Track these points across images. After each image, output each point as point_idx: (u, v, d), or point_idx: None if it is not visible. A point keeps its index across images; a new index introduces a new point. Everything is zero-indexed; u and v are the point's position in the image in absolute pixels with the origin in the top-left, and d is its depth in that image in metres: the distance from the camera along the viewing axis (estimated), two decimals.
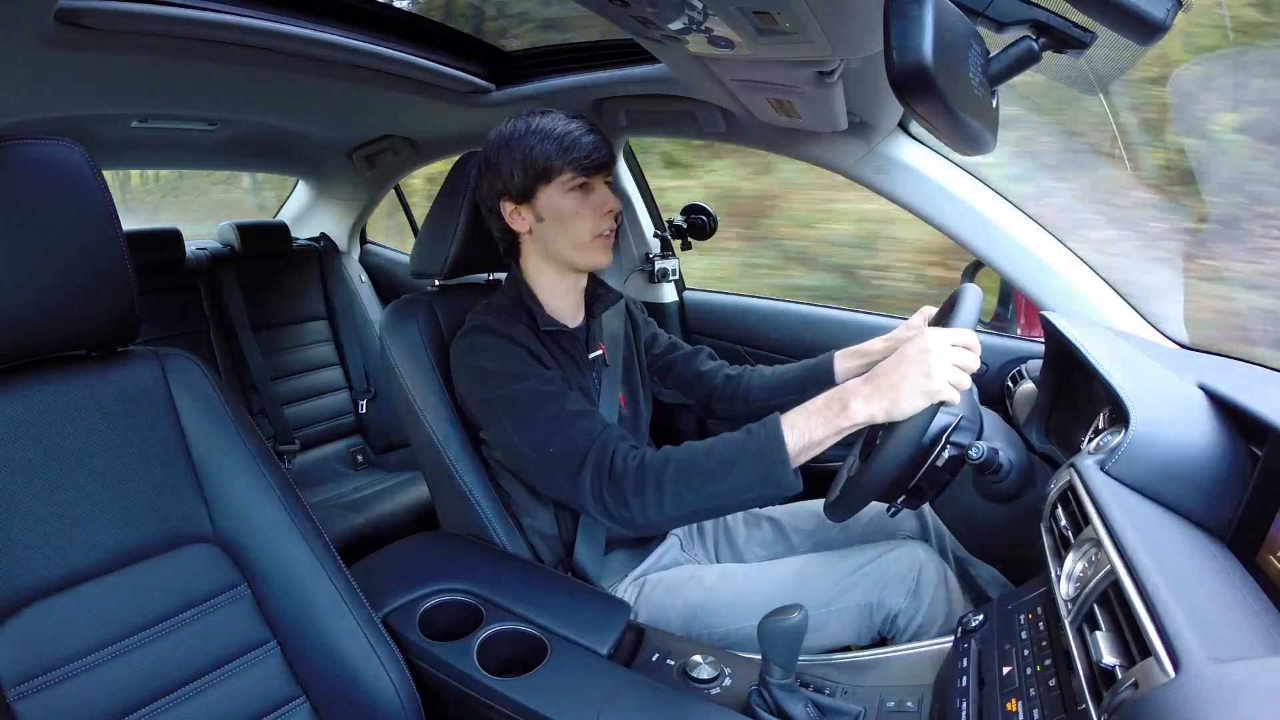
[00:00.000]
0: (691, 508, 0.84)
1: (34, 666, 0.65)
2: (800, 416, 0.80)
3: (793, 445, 0.79)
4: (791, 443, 0.79)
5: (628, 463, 0.86)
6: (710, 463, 0.82)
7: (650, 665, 0.86)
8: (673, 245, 1.75)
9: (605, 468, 0.86)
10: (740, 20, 0.76)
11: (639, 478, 0.84)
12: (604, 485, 0.86)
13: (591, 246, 1.00)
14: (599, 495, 0.87)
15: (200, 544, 0.77)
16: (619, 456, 0.86)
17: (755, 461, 0.79)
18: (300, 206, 2.43)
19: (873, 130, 1.18)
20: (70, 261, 0.69)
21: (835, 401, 0.79)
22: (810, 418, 0.80)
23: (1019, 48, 0.60)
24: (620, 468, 0.86)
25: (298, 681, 0.80)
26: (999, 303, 1.35)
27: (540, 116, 0.97)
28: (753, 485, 0.80)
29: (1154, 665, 0.45)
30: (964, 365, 0.76)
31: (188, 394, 0.79)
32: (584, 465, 0.87)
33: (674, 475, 0.83)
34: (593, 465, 0.87)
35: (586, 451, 0.88)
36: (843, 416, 0.78)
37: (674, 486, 0.83)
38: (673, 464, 0.84)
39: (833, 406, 0.79)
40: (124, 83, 1.28)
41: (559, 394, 0.92)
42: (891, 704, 0.78)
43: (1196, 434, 0.69)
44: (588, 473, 0.87)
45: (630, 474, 0.85)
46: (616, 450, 0.87)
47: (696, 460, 0.83)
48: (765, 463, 0.79)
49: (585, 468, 0.87)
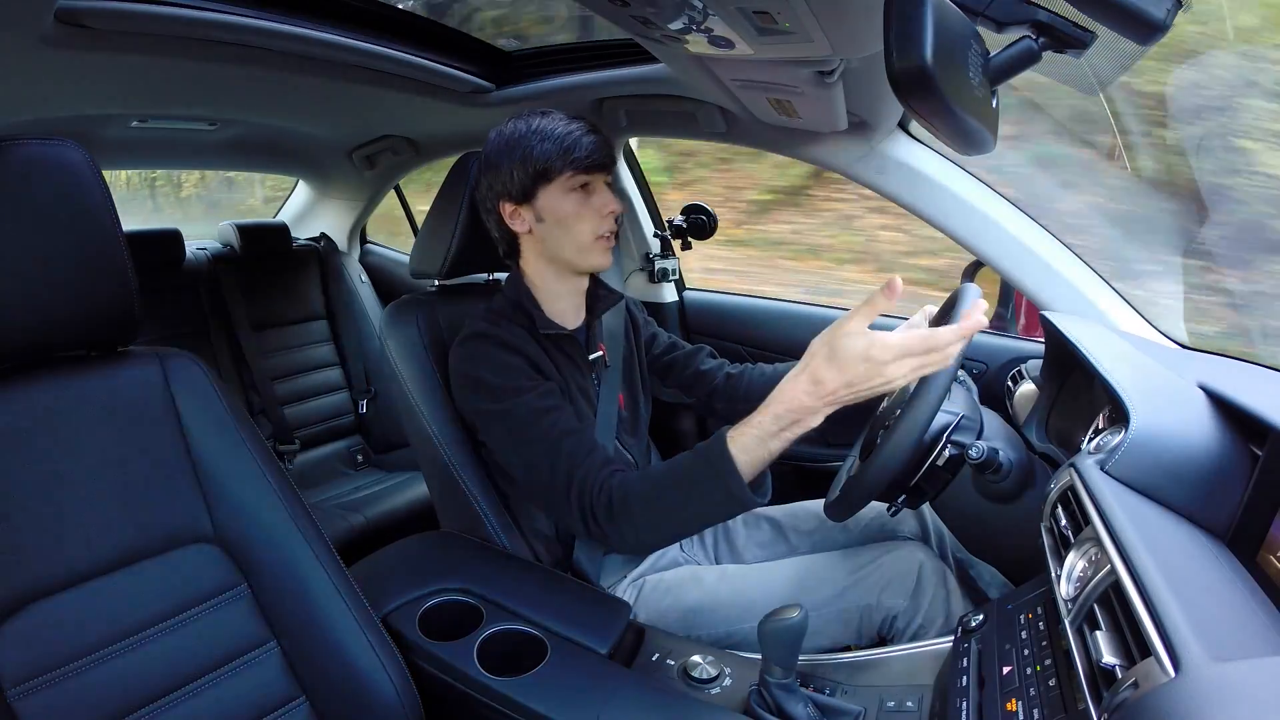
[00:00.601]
0: (666, 533, 0.86)
1: (34, 666, 0.65)
2: (750, 435, 0.79)
3: (745, 464, 0.79)
4: (743, 461, 0.78)
5: (611, 493, 0.87)
6: (668, 492, 0.84)
7: (650, 665, 0.86)
8: (672, 245, 1.76)
9: (588, 499, 0.88)
10: (740, 20, 0.76)
11: (610, 508, 0.86)
12: (588, 515, 0.88)
13: (592, 248, 0.99)
14: (585, 522, 0.89)
15: (200, 544, 0.77)
16: (599, 489, 0.88)
17: (713, 485, 0.80)
18: (300, 206, 2.43)
19: (873, 130, 1.18)
20: (70, 261, 0.69)
21: (787, 418, 0.77)
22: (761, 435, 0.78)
23: (1019, 47, 0.60)
24: (601, 500, 0.87)
25: (298, 681, 0.80)
26: (999, 303, 1.35)
27: (541, 117, 0.97)
28: (716, 507, 0.82)
29: (1154, 665, 0.45)
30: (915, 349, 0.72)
31: (188, 394, 0.79)
32: (569, 492, 0.89)
33: (640, 508, 0.84)
34: (576, 494, 0.89)
35: (570, 480, 0.89)
36: (797, 429, 0.78)
37: (643, 518, 0.84)
38: (635, 493, 0.85)
39: (784, 421, 0.77)
40: (124, 83, 1.28)
41: (554, 409, 0.93)
42: (891, 704, 0.78)
43: (1196, 434, 0.69)
44: (573, 500, 0.89)
45: (602, 507, 0.86)
46: (598, 482, 0.88)
47: (656, 491, 0.84)
48: (722, 484, 0.79)
49: (570, 495, 0.89)
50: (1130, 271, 1.27)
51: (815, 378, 0.75)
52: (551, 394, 0.95)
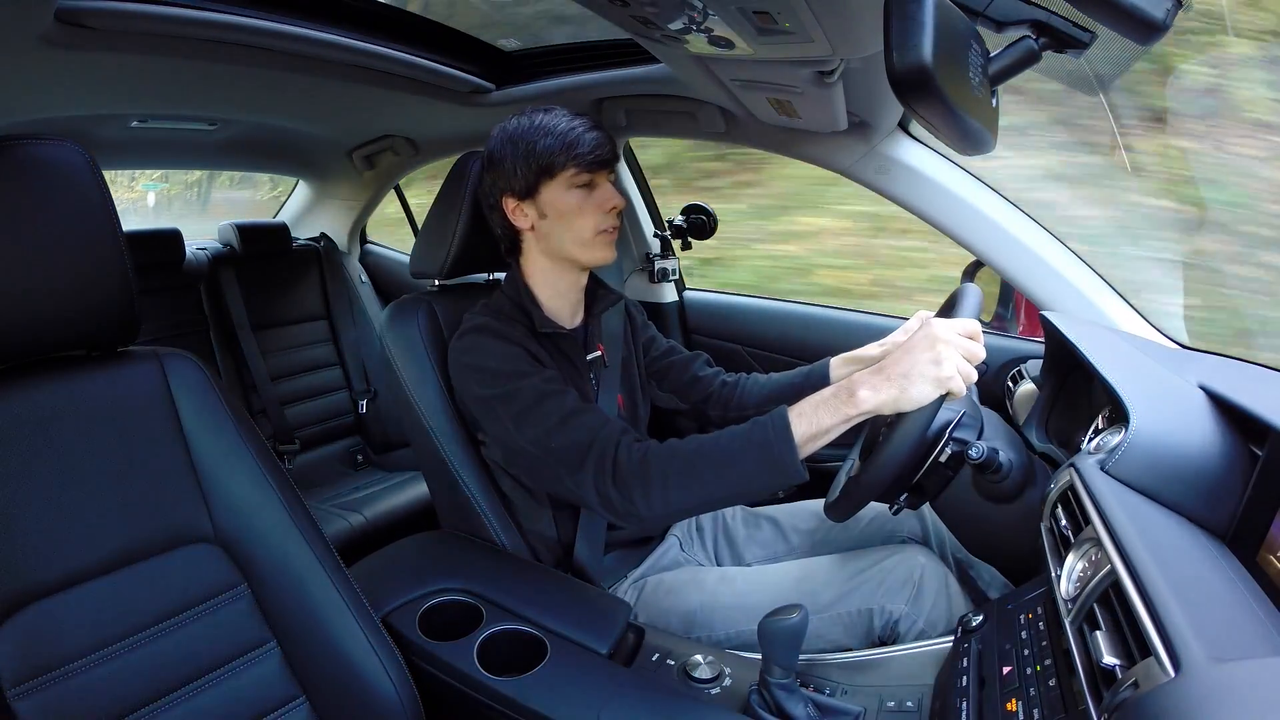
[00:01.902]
0: (697, 499, 0.83)
1: (34, 666, 0.65)
2: (808, 405, 0.80)
3: (800, 433, 0.78)
4: (799, 431, 0.78)
5: (632, 455, 0.85)
6: (716, 452, 0.82)
7: (650, 665, 0.86)
8: (672, 245, 1.76)
9: (608, 462, 0.86)
10: (740, 20, 0.76)
11: (643, 470, 0.84)
12: (607, 480, 0.85)
13: (594, 243, 1.00)
14: (602, 490, 0.86)
15: (200, 544, 0.77)
16: (623, 449, 0.86)
17: (762, 450, 0.79)
18: (300, 206, 2.43)
19: (873, 130, 1.18)
20: (70, 261, 0.69)
21: (843, 389, 0.79)
22: (818, 406, 0.79)
23: (1019, 47, 0.60)
24: (625, 460, 0.85)
25: (298, 681, 0.80)
26: (999, 303, 1.35)
27: (544, 114, 0.97)
28: (759, 474, 0.80)
29: (1154, 665, 0.45)
30: (971, 355, 0.75)
31: (188, 394, 0.79)
32: (586, 460, 0.87)
33: (680, 466, 0.82)
34: (595, 460, 0.86)
35: (589, 446, 0.87)
36: (850, 404, 0.77)
37: (679, 478, 0.82)
38: (679, 455, 0.83)
39: (840, 395, 0.78)
40: (124, 83, 1.28)
41: (560, 391, 0.92)
42: (891, 704, 0.78)
43: (1196, 434, 0.69)
44: (590, 468, 0.86)
45: (635, 466, 0.84)
46: (620, 443, 0.87)
47: (703, 450, 0.83)
48: (772, 451, 0.79)
49: (587, 462, 0.86)
50: None
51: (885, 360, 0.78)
52: (554, 380, 0.94)
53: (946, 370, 0.73)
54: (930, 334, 0.76)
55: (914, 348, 0.76)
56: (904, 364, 0.75)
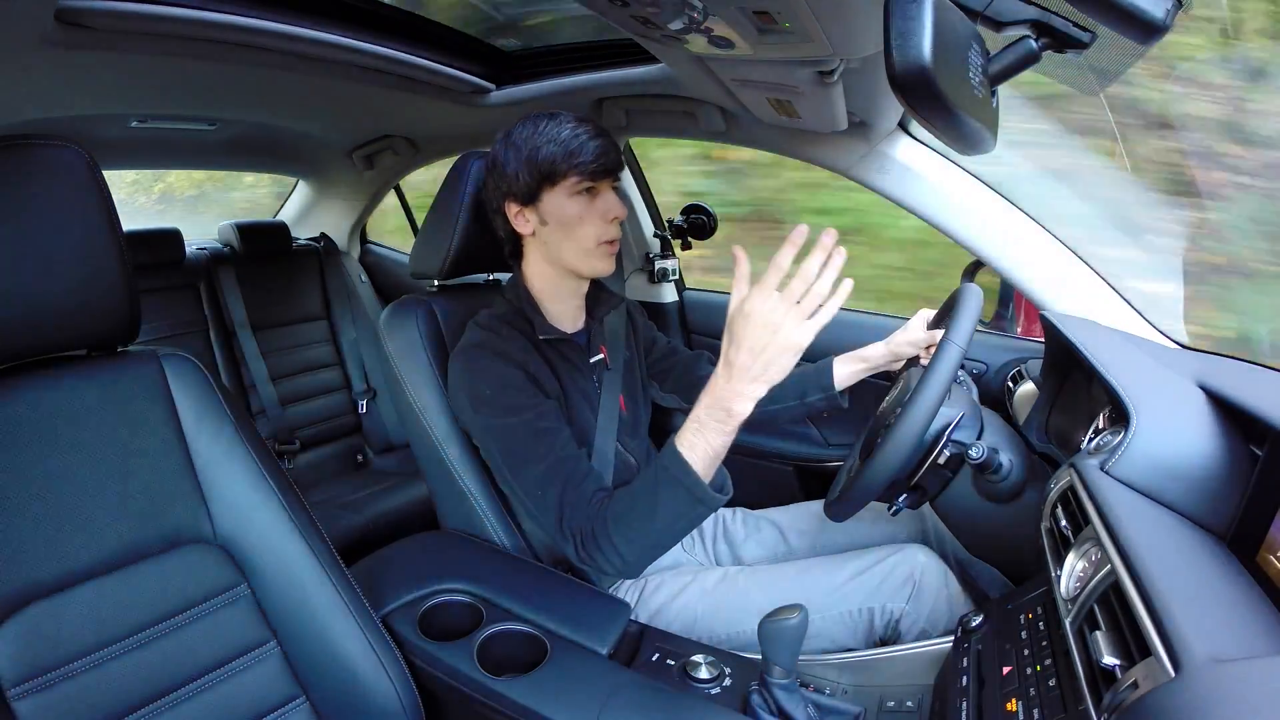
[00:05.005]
0: (646, 546, 0.86)
1: (34, 666, 0.65)
2: (690, 433, 0.81)
3: (697, 462, 0.80)
4: (694, 460, 0.80)
5: (588, 526, 0.88)
6: (639, 502, 0.84)
7: (650, 665, 0.86)
8: (672, 245, 1.75)
9: (576, 528, 0.89)
10: (740, 20, 0.76)
11: (595, 538, 0.86)
12: (576, 542, 0.89)
13: (595, 253, 0.99)
14: (576, 550, 0.89)
15: (200, 544, 0.77)
16: (583, 519, 0.88)
17: (671, 489, 0.81)
18: (300, 206, 2.43)
19: (873, 130, 1.18)
20: (70, 261, 0.69)
21: (717, 409, 0.79)
22: (700, 431, 0.81)
23: (1019, 47, 0.60)
24: (585, 525, 0.88)
25: (298, 681, 0.80)
26: (999, 303, 1.35)
27: (548, 119, 0.97)
28: (684, 509, 0.82)
29: (1154, 665, 0.45)
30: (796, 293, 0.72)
31: (187, 394, 0.79)
32: (560, 521, 0.90)
33: (614, 528, 0.85)
34: (566, 522, 0.89)
35: (562, 507, 0.90)
36: (731, 418, 0.79)
37: (620, 536, 0.85)
38: (610, 515, 0.86)
39: (716, 414, 0.79)
40: (124, 83, 1.28)
41: (551, 430, 0.93)
42: (891, 704, 0.78)
43: (1196, 434, 0.69)
44: (565, 532, 0.89)
45: (590, 536, 0.87)
46: (582, 513, 0.89)
47: (626, 507, 0.85)
48: (683, 488, 0.80)
49: (562, 524, 0.90)
50: None
51: (725, 361, 0.77)
52: (549, 415, 0.94)
53: (786, 333, 0.72)
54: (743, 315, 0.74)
55: (744, 335, 0.74)
56: (745, 356, 0.74)
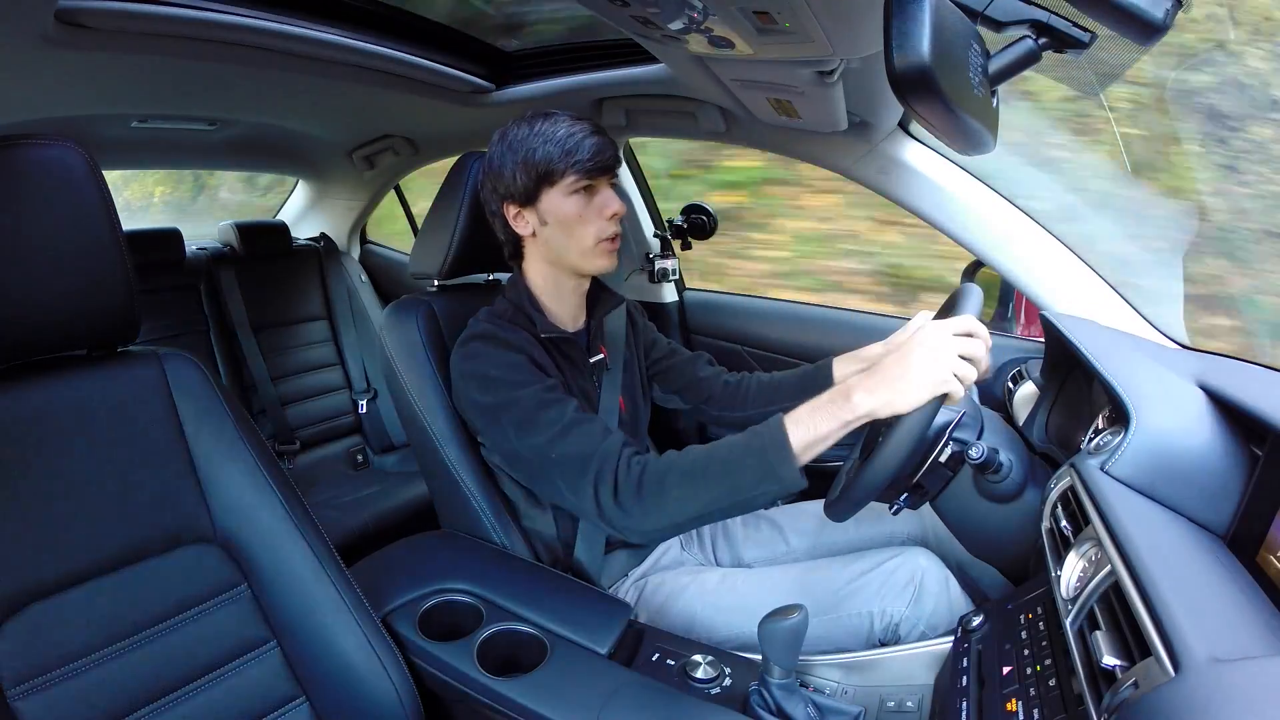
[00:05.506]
0: (694, 511, 0.83)
1: (34, 666, 0.65)
2: (804, 412, 0.80)
3: (797, 441, 0.78)
4: (796, 438, 0.78)
5: (631, 468, 0.85)
6: (713, 464, 0.82)
7: (650, 665, 0.86)
8: (673, 245, 1.76)
9: (608, 475, 0.85)
10: (740, 20, 0.76)
11: (642, 484, 0.84)
12: (607, 493, 0.85)
13: (595, 251, 0.99)
14: (601, 503, 0.86)
15: (200, 544, 0.77)
16: (622, 463, 0.86)
17: (759, 459, 0.79)
18: (300, 206, 2.44)
19: (873, 130, 1.18)
20: (70, 261, 0.69)
21: (839, 394, 0.79)
22: (814, 412, 0.79)
23: (1019, 47, 0.60)
24: (623, 474, 0.85)
25: (298, 681, 0.80)
26: (999, 303, 1.35)
27: (544, 119, 0.97)
28: (757, 484, 0.79)
29: (1154, 665, 0.45)
30: (970, 354, 0.75)
31: (187, 394, 0.79)
32: (585, 472, 0.86)
33: (677, 479, 0.82)
34: (594, 472, 0.86)
35: (589, 458, 0.87)
36: (846, 409, 0.77)
37: (676, 490, 0.82)
38: (676, 468, 0.83)
39: (837, 400, 0.78)
40: (124, 83, 1.28)
41: (561, 400, 0.92)
42: (891, 704, 0.78)
43: (1196, 434, 0.69)
44: (589, 480, 0.86)
45: (634, 480, 0.84)
46: (620, 457, 0.86)
47: (699, 462, 0.83)
48: (769, 460, 0.78)
49: (586, 475, 0.86)
50: None
51: (875, 366, 0.78)
52: (555, 388, 0.94)
53: (943, 372, 0.73)
54: (926, 335, 0.76)
55: (910, 350, 0.76)
56: (900, 366, 0.75)
